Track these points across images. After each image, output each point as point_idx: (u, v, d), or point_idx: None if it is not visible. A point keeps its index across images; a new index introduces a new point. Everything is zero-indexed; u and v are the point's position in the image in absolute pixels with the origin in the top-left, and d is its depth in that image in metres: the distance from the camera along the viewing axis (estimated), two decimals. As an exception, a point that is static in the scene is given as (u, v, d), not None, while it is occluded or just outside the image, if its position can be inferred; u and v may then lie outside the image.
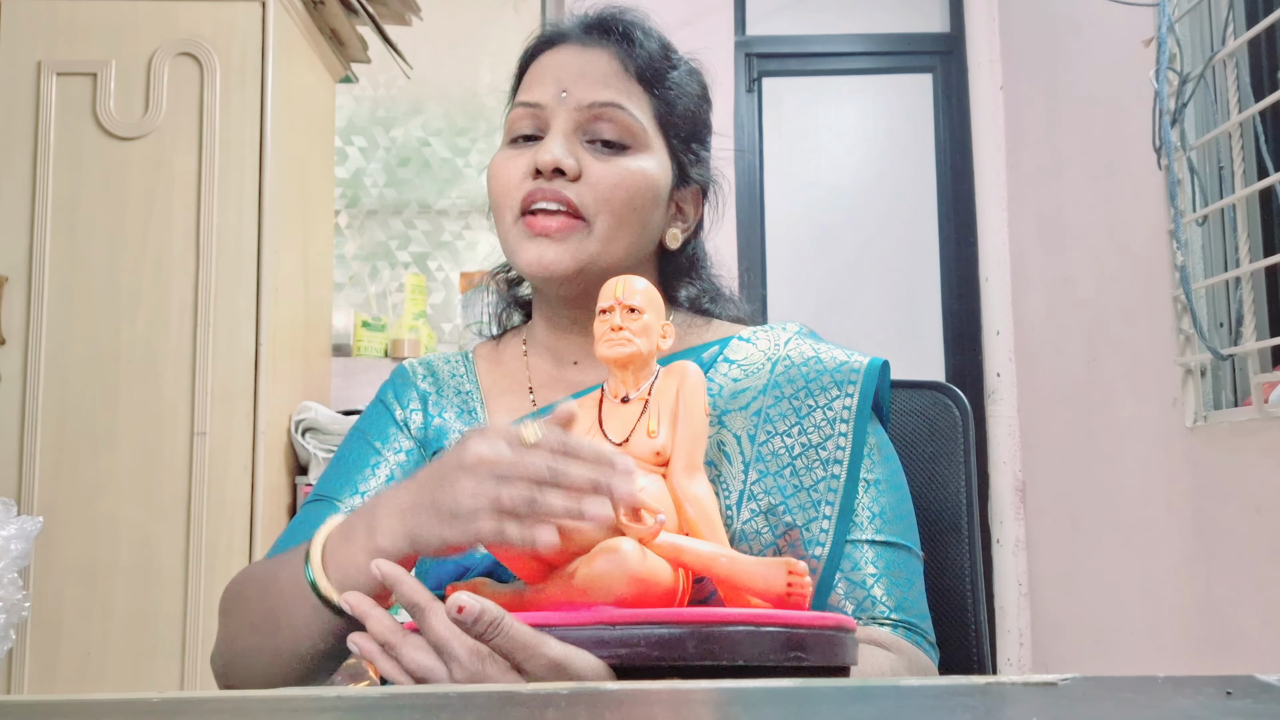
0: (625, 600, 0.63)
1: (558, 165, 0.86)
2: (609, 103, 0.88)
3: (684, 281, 0.98)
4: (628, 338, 0.74)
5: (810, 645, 0.61)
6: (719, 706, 0.47)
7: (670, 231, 0.94)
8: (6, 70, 2.01)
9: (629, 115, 0.89)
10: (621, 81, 0.90)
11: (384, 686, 0.61)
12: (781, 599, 0.65)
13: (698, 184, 0.96)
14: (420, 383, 0.97)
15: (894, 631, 0.80)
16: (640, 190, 0.88)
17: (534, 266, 0.87)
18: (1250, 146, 1.84)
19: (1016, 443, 2.79)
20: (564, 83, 0.89)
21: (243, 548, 1.94)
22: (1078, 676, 0.47)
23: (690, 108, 0.94)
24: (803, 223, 3.05)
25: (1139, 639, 2.18)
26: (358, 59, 2.53)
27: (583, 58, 0.90)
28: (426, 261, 3.19)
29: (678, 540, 0.68)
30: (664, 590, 0.65)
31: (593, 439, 0.74)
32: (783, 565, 0.65)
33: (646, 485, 0.71)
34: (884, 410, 0.90)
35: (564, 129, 0.88)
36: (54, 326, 1.96)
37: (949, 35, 3.09)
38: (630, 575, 0.63)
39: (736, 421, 0.86)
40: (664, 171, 0.91)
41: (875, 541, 0.83)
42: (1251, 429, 1.79)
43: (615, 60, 0.90)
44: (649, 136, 0.90)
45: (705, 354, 0.91)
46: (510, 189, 0.88)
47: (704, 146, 0.97)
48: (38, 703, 0.50)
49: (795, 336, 0.92)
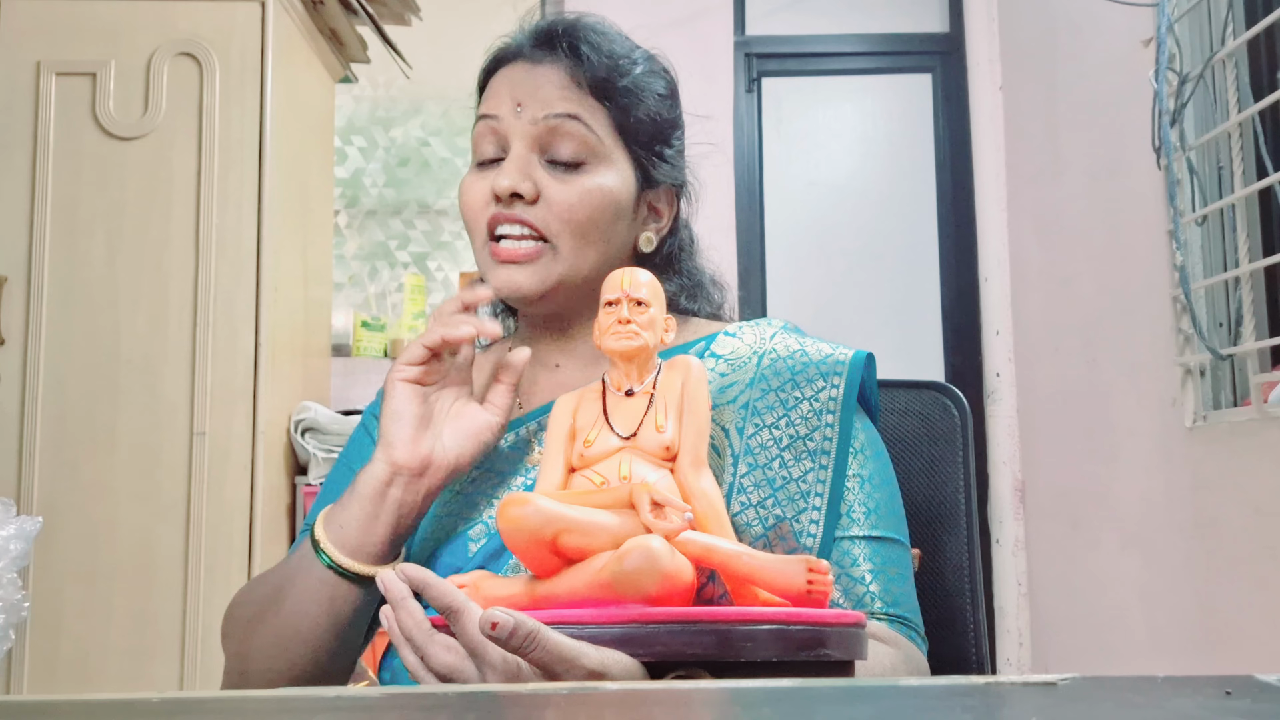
0: (653, 599, 0.63)
1: (514, 190, 0.87)
2: (562, 114, 0.88)
3: (661, 280, 0.98)
4: (635, 330, 0.74)
5: (833, 642, 0.63)
6: (719, 706, 0.47)
7: (644, 235, 0.95)
8: (6, 70, 2.01)
9: (584, 127, 0.89)
10: (574, 94, 0.90)
11: (383, 687, 0.61)
12: (803, 596, 0.65)
13: (667, 184, 0.96)
14: None
15: (890, 626, 0.82)
16: (600, 207, 0.89)
17: (504, 291, 0.88)
18: (1250, 146, 1.84)
19: (1016, 443, 2.79)
20: (518, 97, 0.90)
21: (242, 548, 1.94)
22: (1077, 676, 0.47)
23: (651, 109, 0.93)
24: (803, 223, 3.05)
25: (1139, 639, 2.18)
26: (357, 59, 2.53)
27: (534, 73, 0.91)
28: (426, 261, 3.19)
29: (706, 539, 0.68)
30: (688, 587, 0.65)
31: (599, 431, 0.74)
32: (802, 563, 0.65)
33: (657, 480, 0.71)
34: (872, 403, 0.91)
35: (521, 149, 0.89)
36: (54, 326, 1.96)
37: (949, 35, 3.09)
38: (661, 573, 0.63)
39: (725, 415, 0.86)
40: (625, 182, 0.91)
41: (869, 537, 0.84)
42: (1251, 429, 1.79)
43: (565, 74, 0.90)
44: (607, 148, 0.90)
45: (691, 351, 0.92)
46: (476, 213, 0.90)
47: (669, 145, 0.96)
48: (38, 703, 0.50)
49: (780, 331, 0.93)
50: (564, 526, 0.65)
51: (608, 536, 0.65)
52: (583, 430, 0.75)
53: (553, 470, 0.75)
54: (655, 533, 0.64)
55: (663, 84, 0.96)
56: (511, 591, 0.69)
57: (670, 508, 0.65)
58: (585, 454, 0.74)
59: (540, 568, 0.68)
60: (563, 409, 0.78)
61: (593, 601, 0.64)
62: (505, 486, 0.88)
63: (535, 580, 0.69)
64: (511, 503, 0.66)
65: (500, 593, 0.68)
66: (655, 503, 0.65)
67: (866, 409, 0.91)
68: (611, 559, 0.64)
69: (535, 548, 0.66)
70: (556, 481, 0.74)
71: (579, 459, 0.75)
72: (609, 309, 0.75)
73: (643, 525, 0.65)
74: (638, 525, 0.65)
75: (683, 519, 0.65)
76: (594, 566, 0.65)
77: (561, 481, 0.74)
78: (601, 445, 0.74)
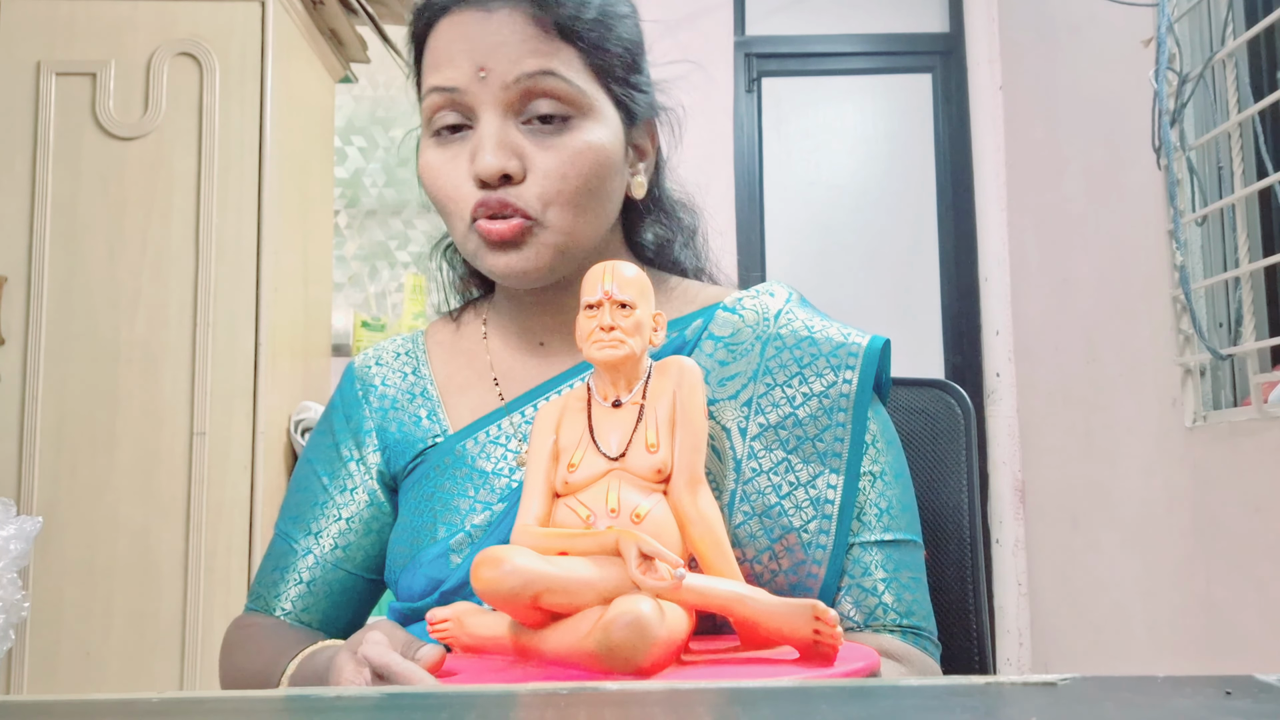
0: (645, 670, 0.57)
1: (503, 171, 0.77)
2: (538, 71, 0.77)
3: (651, 225, 0.91)
4: (619, 338, 0.67)
5: None
6: (719, 706, 0.46)
7: (635, 180, 0.85)
8: (6, 70, 2.01)
9: (561, 81, 0.77)
10: (543, 42, 0.77)
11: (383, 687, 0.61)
12: (809, 647, 0.60)
13: (647, 117, 0.86)
14: (373, 400, 0.90)
15: (903, 639, 0.78)
16: (594, 168, 0.78)
17: (505, 276, 0.80)
18: (1250, 146, 1.84)
19: (1016, 443, 2.79)
20: (477, 58, 0.77)
21: (242, 548, 1.94)
22: (1077, 676, 0.47)
23: (621, 36, 0.81)
24: (803, 223, 3.05)
25: (1139, 639, 2.18)
26: (357, 59, 2.53)
27: (490, 23, 0.77)
28: (426, 261, 3.19)
29: (701, 584, 0.62)
30: (681, 643, 0.61)
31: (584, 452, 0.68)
32: (808, 609, 0.60)
33: (650, 508, 0.65)
34: (884, 392, 0.84)
35: (494, 119, 0.77)
36: (54, 326, 1.95)
37: (949, 35, 3.09)
38: (652, 644, 0.57)
39: (726, 413, 0.79)
40: (613, 130, 0.81)
41: (883, 542, 0.79)
42: (1251, 429, 1.79)
43: (528, 18, 0.77)
44: (589, 97, 0.79)
45: (688, 329, 0.83)
46: (455, 198, 0.79)
47: (640, 72, 0.84)
48: (38, 703, 0.50)
49: (785, 308, 0.84)
50: (545, 586, 0.60)
51: (593, 594, 0.60)
52: (566, 451, 0.68)
53: (534, 500, 0.68)
54: (644, 590, 0.59)
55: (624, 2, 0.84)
56: (495, 634, 0.64)
57: (661, 560, 0.59)
58: (570, 480, 0.67)
59: (525, 620, 0.63)
60: (545, 423, 0.70)
61: (581, 669, 0.59)
62: (488, 488, 0.81)
63: (521, 629, 0.64)
64: (485, 564, 0.59)
65: (484, 633, 0.65)
66: (644, 554, 0.59)
67: (878, 394, 0.83)
68: (597, 628, 0.58)
69: (516, 606, 0.61)
70: (538, 514, 0.67)
71: (563, 485, 0.68)
72: (589, 312, 0.68)
73: (630, 579, 0.59)
74: (624, 577, 0.59)
75: (674, 577, 0.58)
76: (580, 629, 0.59)
77: (544, 513, 0.67)
78: (587, 469, 0.67)
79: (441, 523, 0.81)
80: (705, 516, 0.66)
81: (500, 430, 0.84)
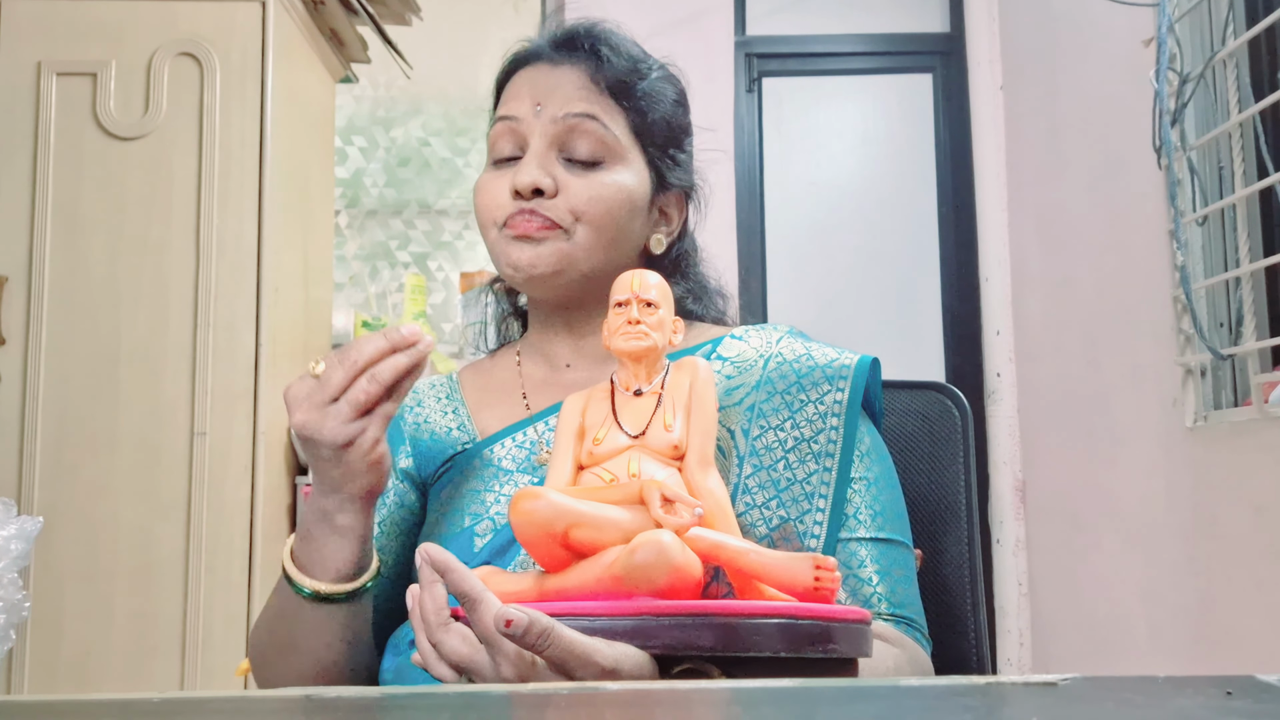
0: (663, 592, 0.63)
1: (535, 185, 0.89)
2: (582, 114, 0.91)
3: (669, 283, 0.99)
4: (644, 331, 0.75)
5: (840, 637, 0.63)
6: (719, 706, 0.47)
7: (654, 237, 0.97)
8: (6, 70, 2.01)
9: (602, 127, 0.91)
10: (593, 95, 0.92)
11: (384, 687, 0.61)
12: (809, 592, 0.66)
13: (679, 188, 0.98)
14: (407, 417, 0.98)
15: (895, 626, 0.83)
16: (618, 203, 0.91)
17: (516, 267, 0.90)
18: (1250, 147, 1.84)
19: (1016, 443, 2.79)
20: (538, 97, 0.92)
21: (243, 548, 1.94)
22: (1077, 676, 0.47)
23: (665, 114, 0.96)
24: (803, 223, 3.05)
25: (1139, 639, 2.18)
26: (358, 59, 2.53)
27: (554, 74, 0.93)
28: (426, 261, 3.19)
29: (715, 536, 0.69)
30: (696, 583, 0.66)
31: (607, 429, 0.76)
32: (809, 560, 0.66)
33: (666, 478, 0.72)
34: (876, 407, 0.92)
35: (540, 146, 0.91)
36: (54, 326, 1.96)
37: (949, 35, 3.09)
38: (672, 566, 0.63)
39: (731, 417, 0.87)
40: (641, 182, 0.93)
41: (874, 539, 0.85)
42: (1251, 429, 1.79)
43: (585, 75, 0.93)
44: (624, 148, 0.93)
45: (698, 354, 0.92)
46: (493, 209, 0.91)
47: (681, 150, 0.99)
48: (38, 703, 0.50)
49: (786, 335, 0.95)
50: (575, 520, 0.66)
51: (618, 531, 0.66)
52: (591, 429, 0.77)
53: (562, 467, 0.76)
54: (666, 528, 0.65)
55: (675, 90, 0.99)
56: (520, 587, 0.69)
57: (680, 503, 0.66)
58: (594, 452, 0.75)
59: (550, 562, 0.69)
60: (572, 408, 0.79)
61: (603, 595, 0.65)
62: (512, 484, 0.89)
63: (544, 575, 0.69)
64: (524, 497, 0.67)
65: (508, 588, 0.69)
66: (665, 498, 0.66)
67: (871, 414, 0.92)
68: (622, 553, 0.64)
69: (546, 541, 0.67)
70: (566, 478, 0.75)
71: (588, 457, 0.76)
72: (618, 310, 0.77)
73: (653, 521, 0.66)
74: (648, 521, 0.66)
75: (693, 514, 0.65)
76: (604, 561, 0.65)
77: (571, 478, 0.75)
78: (610, 443, 0.75)
79: (467, 514, 0.88)
80: (714, 492, 0.73)
81: (525, 436, 0.92)
